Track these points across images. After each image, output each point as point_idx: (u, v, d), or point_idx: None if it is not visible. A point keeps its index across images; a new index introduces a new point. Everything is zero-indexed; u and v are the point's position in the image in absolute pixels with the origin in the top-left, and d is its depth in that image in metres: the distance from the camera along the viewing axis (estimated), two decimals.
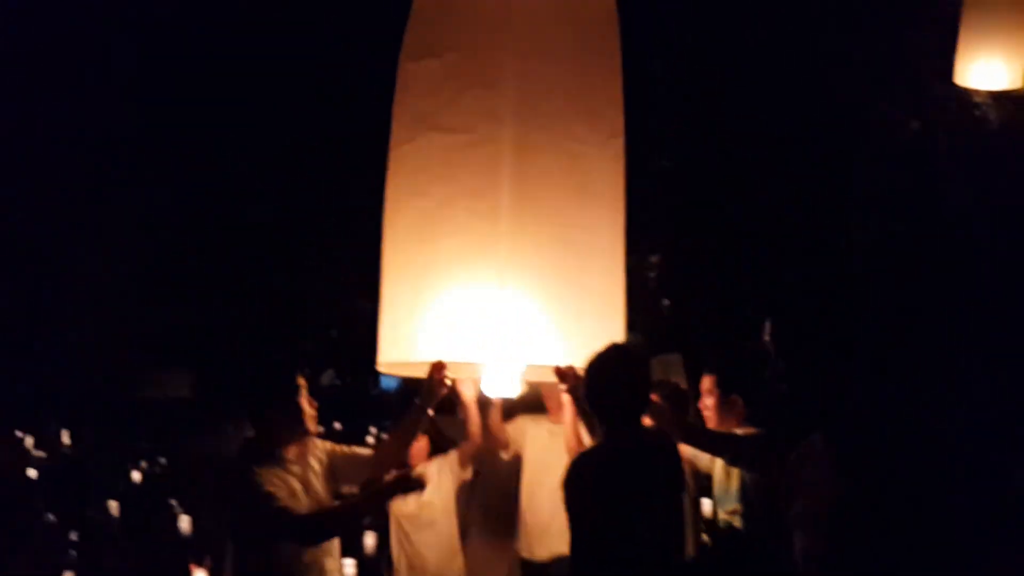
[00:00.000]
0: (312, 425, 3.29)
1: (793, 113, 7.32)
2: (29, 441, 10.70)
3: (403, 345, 3.34)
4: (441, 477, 4.36)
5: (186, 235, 11.34)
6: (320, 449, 3.34)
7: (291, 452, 3.21)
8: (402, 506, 4.33)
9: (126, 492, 8.34)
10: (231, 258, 11.22)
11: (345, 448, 3.44)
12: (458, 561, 4.40)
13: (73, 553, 6.15)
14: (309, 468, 3.25)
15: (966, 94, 5.56)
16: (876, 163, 7.08)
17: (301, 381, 3.24)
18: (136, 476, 9.40)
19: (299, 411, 3.20)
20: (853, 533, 3.11)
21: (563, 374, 3.30)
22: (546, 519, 4.32)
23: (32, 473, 8.98)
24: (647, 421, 3.35)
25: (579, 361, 3.19)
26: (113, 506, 7.52)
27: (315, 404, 3.29)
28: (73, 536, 6.39)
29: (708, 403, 3.91)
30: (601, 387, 3.10)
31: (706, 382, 3.94)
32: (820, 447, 3.22)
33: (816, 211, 7.53)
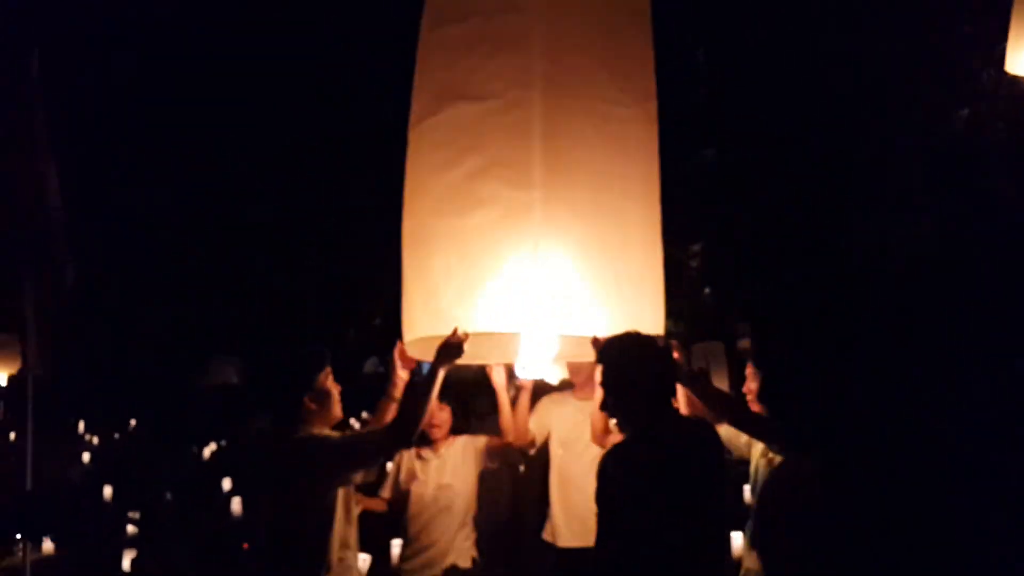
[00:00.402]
0: (337, 409, 3.21)
1: (834, 106, 7.17)
2: (81, 426, 10.87)
3: (433, 319, 3.13)
4: (465, 459, 4.14)
5: (218, 232, 11.45)
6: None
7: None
8: (421, 488, 4.13)
9: (181, 474, 8.36)
10: (275, 250, 11.34)
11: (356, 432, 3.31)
12: (468, 545, 4.17)
13: (133, 530, 6.15)
14: None
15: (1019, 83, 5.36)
16: (923, 158, 6.93)
17: (327, 367, 3.18)
18: (190, 459, 9.50)
19: (328, 396, 3.14)
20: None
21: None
22: (583, 502, 4.01)
23: (85, 457, 9.17)
24: (685, 404, 3.15)
25: (619, 331, 2.98)
26: (169, 487, 7.61)
27: (338, 387, 3.21)
28: (133, 515, 6.39)
29: (752, 387, 3.61)
30: (623, 378, 2.81)
31: (752, 365, 3.67)
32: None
33: (854, 205, 7.39)
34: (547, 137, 3.07)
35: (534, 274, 2.97)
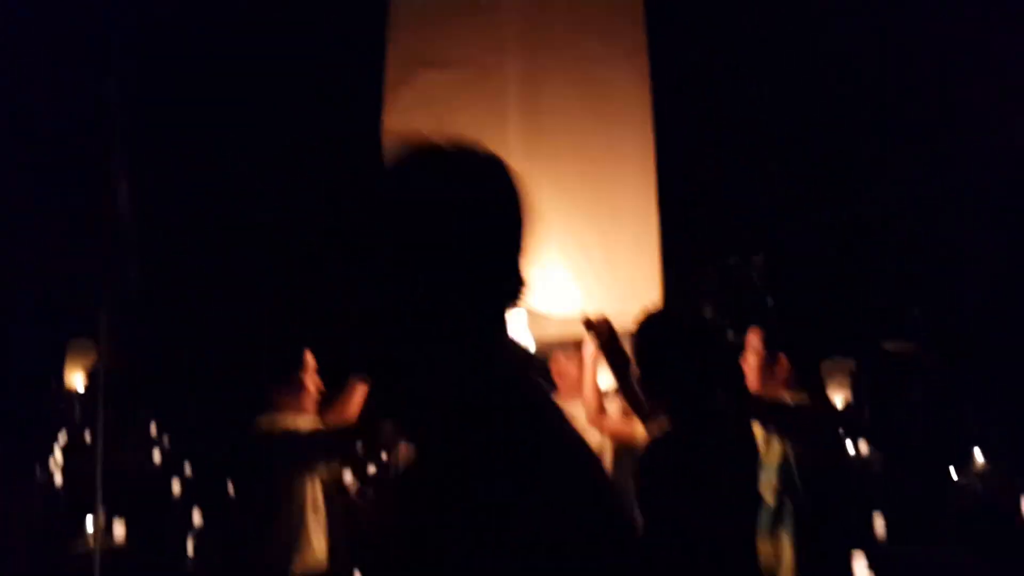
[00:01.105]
0: (310, 405, 2.99)
1: (896, 123, 6.91)
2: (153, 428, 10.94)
3: None
4: None
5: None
6: None
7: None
8: None
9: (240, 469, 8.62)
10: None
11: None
12: None
13: (196, 525, 6.38)
14: None
15: None
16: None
17: (309, 359, 3.00)
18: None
19: (301, 387, 2.96)
20: None
21: (594, 326, 2.61)
22: None
23: (156, 457, 9.37)
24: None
25: (609, 310, 2.60)
26: (229, 485, 7.65)
27: (320, 386, 3.02)
28: (196, 511, 6.69)
29: (751, 361, 3.10)
30: (665, 363, 2.34)
31: (752, 337, 3.23)
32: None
33: (921, 216, 7.15)
34: (524, 104, 2.71)
35: None
